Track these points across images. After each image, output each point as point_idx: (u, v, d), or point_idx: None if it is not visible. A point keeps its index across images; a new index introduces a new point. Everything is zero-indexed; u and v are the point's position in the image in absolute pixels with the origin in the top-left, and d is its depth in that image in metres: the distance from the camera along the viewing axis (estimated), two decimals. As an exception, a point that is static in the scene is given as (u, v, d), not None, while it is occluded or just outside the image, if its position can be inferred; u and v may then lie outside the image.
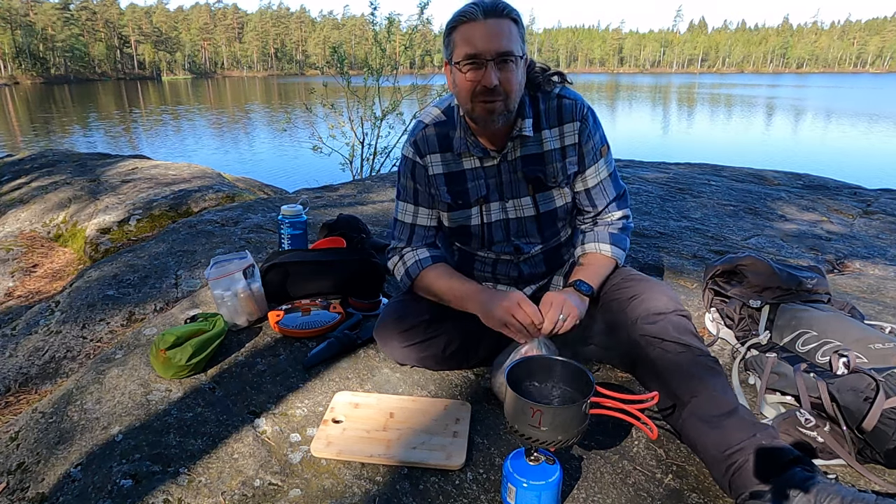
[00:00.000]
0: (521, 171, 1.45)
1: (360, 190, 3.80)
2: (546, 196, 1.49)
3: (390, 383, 1.53)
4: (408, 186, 1.54)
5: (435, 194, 1.52)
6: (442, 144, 1.47)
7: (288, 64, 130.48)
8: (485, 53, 1.26)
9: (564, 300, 1.34)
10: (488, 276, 1.62)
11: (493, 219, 1.51)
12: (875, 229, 3.09)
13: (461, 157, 1.47)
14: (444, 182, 1.49)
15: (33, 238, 3.45)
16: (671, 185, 3.85)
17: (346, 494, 1.16)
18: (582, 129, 1.44)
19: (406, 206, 1.56)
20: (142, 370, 1.58)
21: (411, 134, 1.52)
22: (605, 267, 1.49)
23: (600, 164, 1.50)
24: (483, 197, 1.48)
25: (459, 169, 1.48)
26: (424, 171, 1.50)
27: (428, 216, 1.56)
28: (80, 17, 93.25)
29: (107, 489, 1.17)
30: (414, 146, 1.50)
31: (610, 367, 1.59)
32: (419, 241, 1.58)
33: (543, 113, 1.43)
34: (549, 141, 1.44)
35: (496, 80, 1.27)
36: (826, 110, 27.54)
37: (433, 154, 1.48)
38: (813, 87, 60.66)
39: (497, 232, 1.52)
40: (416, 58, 7.64)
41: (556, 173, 1.46)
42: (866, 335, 1.47)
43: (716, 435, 1.16)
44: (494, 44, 1.26)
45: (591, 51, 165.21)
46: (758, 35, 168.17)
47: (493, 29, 1.27)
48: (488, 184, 1.47)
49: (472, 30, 1.28)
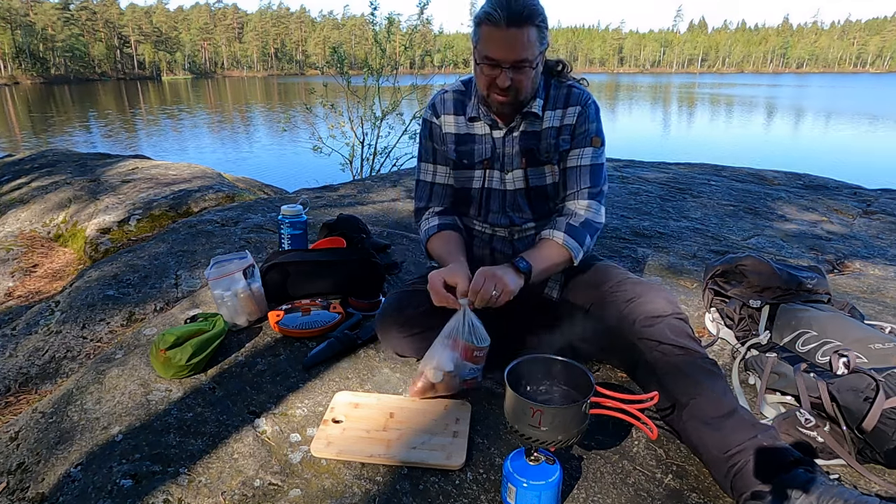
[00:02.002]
0: (519, 145, 1.54)
1: (360, 190, 3.80)
2: (538, 171, 1.56)
3: (390, 383, 1.53)
4: (427, 147, 1.68)
5: (444, 150, 1.63)
6: (457, 108, 1.61)
7: (288, 64, 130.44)
8: (501, 61, 1.37)
9: (497, 277, 1.35)
10: (486, 254, 1.66)
11: (494, 186, 1.59)
12: (875, 229, 3.09)
13: (473, 121, 1.58)
14: (453, 141, 1.61)
15: (33, 238, 3.45)
16: (671, 185, 3.85)
17: (346, 494, 1.16)
18: (581, 113, 1.53)
19: (426, 166, 1.68)
20: (142, 370, 1.58)
21: (432, 99, 1.67)
22: (554, 253, 1.49)
23: (585, 151, 1.54)
24: (487, 160, 1.58)
25: (469, 132, 1.59)
26: (439, 130, 1.63)
27: (445, 175, 1.67)
28: (80, 17, 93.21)
29: (107, 489, 1.17)
30: (431, 108, 1.65)
31: (610, 367, 1.59)
32: (437, 201, 1.68)
33: (553, 97, 1.54)
34: (550, 120, 1.53)
35: (509, 81, 1.39)
36: (826, 110, 27.55)
37: (447, 115, 1.61)
38: (813, 86, 60.69)
39: (494, 201, 1.60)
40: (416, 58, 7.63)
41: (549, 149, 1.53)
42: (866, 335, 1.47)
43: (716, 436, 1.16)
44: (512, 54, 1.36)
45: (591, 51, 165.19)
46: (758, 35, 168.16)
47: (512, 39, 1.35)
48: (494, 152, 1.56)
49: (493, 35, 1.36)
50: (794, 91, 50.92)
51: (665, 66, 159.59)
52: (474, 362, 1.39)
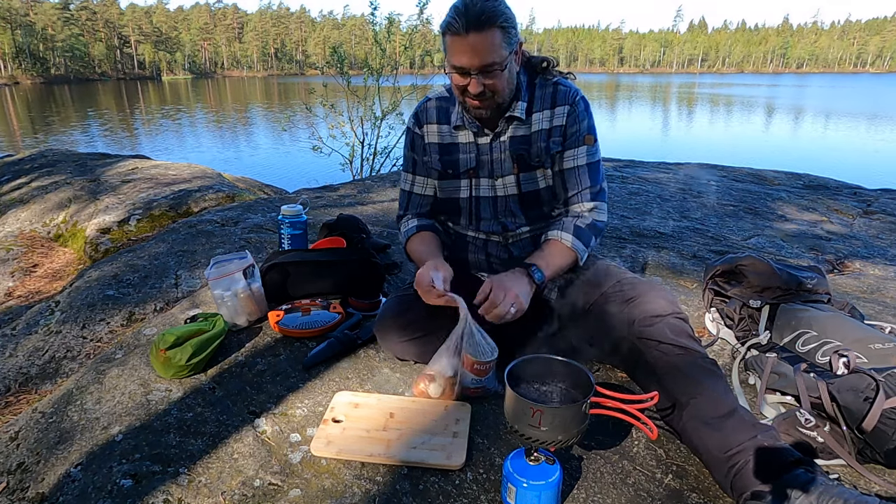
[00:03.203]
0: (509, 150, 1.52)
1: (360, 190, 3.80)
2: (530, 176, 1.54)
3: (390, 383, 1.53)
4: (408, 157, 1.68)
5: (428, 162, 1.62)
6: (440, 117, 1.59)
7: (288, 64, 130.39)
8: (468, 68, 1.35)
9: (513, 293, 1.34)
10: (482, 259, 1.65)
11: (482, 194, 1.57)
12: (875, 229, 3.09)
13: (457, 130, 1.56)
14: (437, 150, 1.60)
15: (33, 238, 3.45)
16: (671, 185, 3.85)
17: (346, 494, 1.16)
18: (570, 113, 1.49)
19: (407, 175, 1.70)
20: (142, 370, 1.58)
21: (416, 108, 1.65)
22: (563, 257, 1.49)
23: (580, 150, 1.52)
24: (472, 169, 1.56)
25: (453, 141, 1.57)
26: (422, 140, 1.62)
27: (423, 185, 1.68)
28: (80, 17, 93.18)
29: (107, 489, 1.17)
30: (415, 117, 1.63)
31: (610, 367, 1.59)
32: (414, 209, 1.71)
33: (539, 98, 1.50)
34: (539, 122, 1.50)
35: (481, 87, 1.37)
36: (826, 110, 27.53)
37: (430, 124, 1.60)
38: (813, 86, 60.66)
39: (485, 208, 1.59)
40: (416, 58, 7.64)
41: (540, 153, 1.51)
42: (866, 335, 1.47)
43: (716, 436, 1.16)
44: (477, 59, 1.33)
45: (591, 51, 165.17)
46: (758, 35, 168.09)
47: (475, 45, 1.32)
48: (479, 159, 1.55)
49: (456, 43, 1.34)
50: (794, 91, 50.90)
51: (665, 66, 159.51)
52: (478, 375, 1.39)
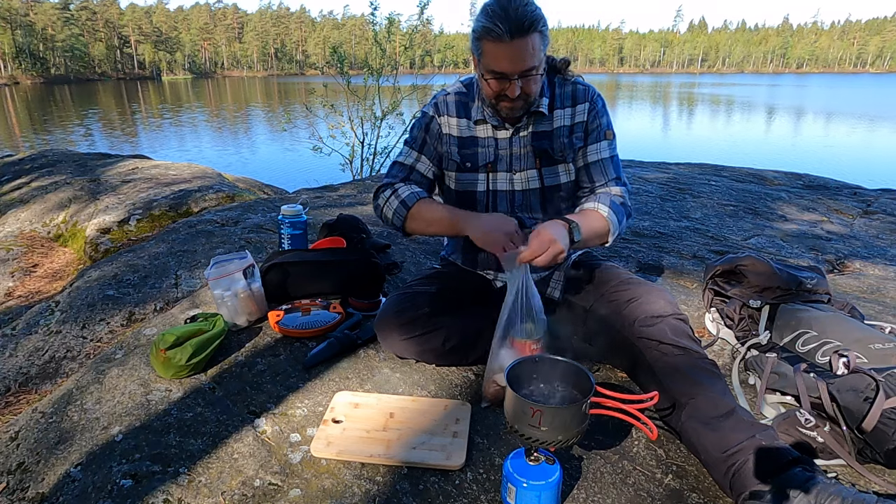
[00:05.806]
0: (530, 146, 1.54)
1: (360, 190, 3.80)
2: (552, 171, 1.56)
3: (390, 383, 1.53)
4: (418, 137, 1.64)
5: (445, 153, 1.61)
6: (459, 111, 1.59)
7: (288, 64, 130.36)
8: (510, 74, 1.36)
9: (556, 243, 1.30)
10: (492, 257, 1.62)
11: (500, 188, 1.58)
12: (875, 229, 3.09)
13: (476, 124, 1.57)
14: (455, 143, 1.60)
15: (33, 238, 3.45)
16: (671, 185, 3.85)
17: (346, 494, 1.16)
18: (590, 110, 1.55)
19: (410, 151, 1.65)
20: (142, 370, 1.58)
21: (434, 98, 1.65)
22: (599, 224, 1.46)
23: (602, 145, 1.57)
24: (490, 163, 1.57)
25: (472, 135, 1.58)
26: (439, 128, 1.61)
27: (427, 167, 1.63)
28: (80, 17, 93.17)
29: (107, 489, 1.17)
30: (434, 106, 1.62)
31: (610, 367, 1.59)
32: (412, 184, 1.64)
33: (559, 96, 1.55)
34: (560, 119, 1.55)
35: (519, 90, 1.39)
36: (826, 110, 27.53)
37: (450, 117, 1.60)
38: (813, 87, 60.66)
39: (502, 202, 1.59)
40: (416, 58, 7.64)
41: (563, 147, 1.54)
42: (866, 335, 1.47)
43: (715, 436, 1.17)
44: (520, 65, 1.35)
45: (592, 51, 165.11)
46: (758, 35, 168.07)
47: (519, 51, 1.33)
48: (498, 153, 1.56)
49: (498, 50, 1.34)
50: (794, 91, 50.91)
51: (665, 66, 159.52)
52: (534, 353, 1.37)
